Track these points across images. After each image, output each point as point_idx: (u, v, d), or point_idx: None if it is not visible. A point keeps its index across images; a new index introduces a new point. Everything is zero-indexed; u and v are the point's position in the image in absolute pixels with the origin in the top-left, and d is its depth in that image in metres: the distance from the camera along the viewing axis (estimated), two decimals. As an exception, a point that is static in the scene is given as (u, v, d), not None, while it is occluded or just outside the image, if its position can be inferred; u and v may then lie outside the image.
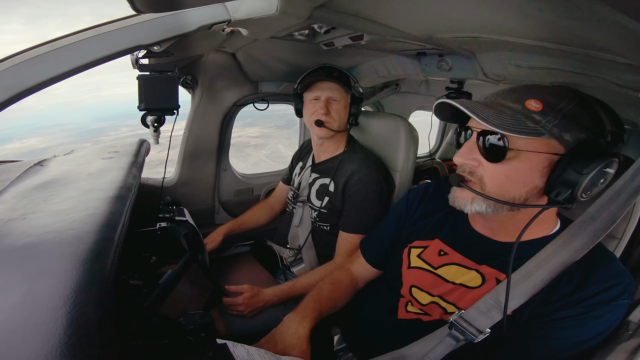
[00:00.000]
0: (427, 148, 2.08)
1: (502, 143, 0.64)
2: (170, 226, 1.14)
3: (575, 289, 0.64)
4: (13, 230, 0.55)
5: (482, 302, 0.69)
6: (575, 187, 0.61)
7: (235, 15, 0.96)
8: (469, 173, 0.69)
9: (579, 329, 0.62)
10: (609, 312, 0.62)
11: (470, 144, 0.69)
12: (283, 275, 1.45)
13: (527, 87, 0.69)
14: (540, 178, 0.65)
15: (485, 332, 0.67)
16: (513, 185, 0.66)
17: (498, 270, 0.73)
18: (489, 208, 0.68)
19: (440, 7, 0.77)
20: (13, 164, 1.04)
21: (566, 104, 0.64)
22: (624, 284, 0.63)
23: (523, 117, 0.63)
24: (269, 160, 8.57)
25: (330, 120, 1.29)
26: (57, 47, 0.90)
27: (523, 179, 0.66)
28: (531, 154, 0.64)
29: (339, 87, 1.28)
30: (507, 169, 0.65)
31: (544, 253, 0.68)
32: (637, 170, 0.66)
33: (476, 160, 0.68)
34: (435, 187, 0.95)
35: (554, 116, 0.62)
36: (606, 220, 0.64)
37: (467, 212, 0.71)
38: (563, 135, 0.62)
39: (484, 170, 0.68)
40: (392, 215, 0.99)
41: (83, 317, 0.39)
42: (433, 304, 0.78)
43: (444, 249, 0.83)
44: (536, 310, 0.67)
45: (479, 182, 0.68)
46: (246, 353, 0.66)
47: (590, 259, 0.65)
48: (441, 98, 0.70)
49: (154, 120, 1.17)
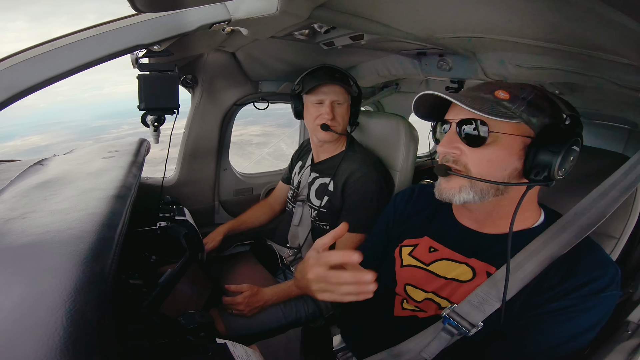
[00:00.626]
0: (427, 148, 2.08)
1: (484, 127, 0.68)
2: (170, 226, 1.14)
3: (562, 279, 0.65)
4: (13, 229, 0.55)
5: (473, 296, 0.70)
6: (550, 165, 0.65)
7: (235, 14, 0.96)
8: (454, 162, 0.72)
9: (571, 322, 0.63)
10: (598, 304, 0.63)
11: (451, 134, 0.72)
12: (283, 274, 1.45)
13: (492, 82, 0.75)
14: (518, 160, 0.69)
15: (478, 326, 0.68)
16: (495, 169, 0.69)
17: (487, 263, 0.75)
18: (476, 195, 0.70)
19: (441, 7, 0.77)
20: (13, 163, 1.04)
21: (527, 93, 0.69)
22: (609, 274, 0.64)
23: (495, 103, 0.68)
24: (272, 159, 8.58)
25: (335, 125, 1.29)
26: (57, 46, 0.90)
27: (503, 162, 0.69)
28: (508, 137, 0.68)
29: (343, 90, 1.27)
30: (488, 153, 0.69)
31: (532, 245, 0.69)
32: (629, 169, 0.69)
33: (458, 148, 0.71)
34: (420, 189, 0.98)
35: (520, 103, 0.68)
36: (595, 216, 0.67)
37: (456, 202, 0.73)
38: (531, 119, 0.67)
39: (467, 157, 0.70)
40: (382, 219, 1.01)
41: (83, 316, 0.39)
42: (427, 300, 0.79)
43: (433, 245, 0.84)
44: (527, 302, 0.68)
45: (464, 168, 0.71)
46: (245, 353, 0.66)
47: (576, 249, 0.67)
48: (421, 92, 0.74)
49: (154, 120, 1.17)
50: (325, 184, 1.33)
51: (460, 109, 0.71)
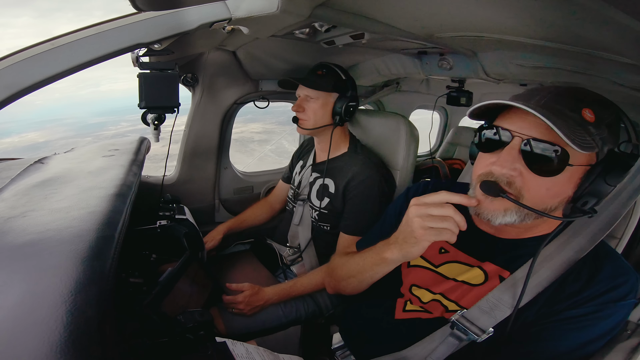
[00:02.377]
0: (427, 147, 2.08)
1: (564, 157, 0.59)
2: (171, 224, 1.14)
3: (583, 287, 0.64)
4: (13, 228, 0.55)
5: (484, 301, 0.69)
6: (602, 196, 0.60)
7: (235, 13, 0.96)
8: (507, 184, 0.63)
9: (586, 330, 0.62)
10: (616, 311, 0.62)
11: (513, 152, 0.62)
12: (283, 273, 1.45)
13: (573, 91, 0.65)
14: (572, 189, 0.63)
15: (489, 332, 0.67)
16: (550, 197, 0.63)
17: (502, 268, 0.73)
18: (518, 219, 0.64)
19: (442, 6, 0.77)
20: (13, 161, 1.04)
21: (608, 115, 0.62)
22: (630, 282, 0.63)
23: (581, 128, 0.59)
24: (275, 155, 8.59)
25: (305, 118, 1.31)
26: (57, 45, 0.90)
27: (560, 190, 0.63)
28: (577, 167, 0.61)
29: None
30: (549, 181, 0.61)
31: (546, 251, 0.67)
32: (637, 170, 0.67)
33: (517, 170, 0.62)
34: (434, 186, 0.93)
35: (603, 129, 0.60)
36: (607, 219, 0.66)
37: (495, 224, 0.66)
38: (604, 148, 0.60)
39: (524, 182, 0.62)
40: (391, 211, 0.98)
41: (83, 315, 0.39)
42: (434, 302, 0.78)
43: (444, 247, 0.82)
44: (543, 309, 0.66)
45: (517, 193, 0.63)
46: (245, 351, 0.66)
47: (596, 257, 0.65)
48: (506, 99, 0.63)
49: (155, 118, 1.17)
50: (326, 186, 1.33)
51: (528, 119, 0.61)
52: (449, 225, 0.63)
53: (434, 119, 2.03)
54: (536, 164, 0.61)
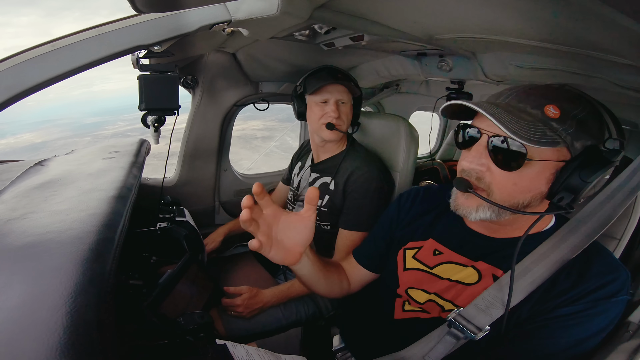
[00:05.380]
0: (427, 148, 2.08)
1: (522, 151, 0.62)
2: (171, 226, 1.14)
3: (574, 284, 0.64)
4: (13, 230, 0.55)
5: (480, 299, 0.69)
6: (578, 193, 0.62)
7: (235, 15, 0.96)
8: (477, 179, 0.67)
9: (580, 327, 0.62)
10: (608, 309, 0.62)
11: (480, 148, 0.67)
12: (283, 275, 1.45)
13: (542, 89, 0.67)
14: (545, 184, 0.65)
15: (485, 330, 0.67)
16: (519, 192, 0.65)
17: (494, 267, 0.73)
18: (493, 214, 0.67)
19: (441, 8, 0.77)
20: (13, 163, 1.04)
21: (580, 110, 0.63)
22: (621, 279, 0.63)
23: (542, 124, 0.62)
24: (280, 151, 8.57)
25: (340, 123, 1.29)
26: (57, 47, 0.90)
27: (530, 185, 0.65)
28: (543, 162, 0.63)
29: (346, 89, 1.28)
30: (515, 176, 0.64)
31: (541, 249, 0.68)
32: (633, 171, 0.67)
33: (485, 165, 0.66)
34: (426, 191, 0.95)
35: (569, 124, 0.62)
36: (602, 219, 0.66)
37: (471, 219, 0.70)
38: (574, 143, 0.62)
39: (493, 177, 0.66)
40: (385, 218, 0.99)
41: (83, 317, 0.39)
42: (430, 302, 0.78)
43: (438, 248, 0.83)
44: (536, 307, 0.67)
45: (487, 188, 0.67)
46: (245, 353, 0.66)
47: (586, 254, 0.66)
48: (455, 100, 0.68)
49: (155, 121, 1.17)
50: (326, 184, 1.33)
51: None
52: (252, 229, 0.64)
53: (434, 120, 2.03)
54: (499, 159, 0.64)
